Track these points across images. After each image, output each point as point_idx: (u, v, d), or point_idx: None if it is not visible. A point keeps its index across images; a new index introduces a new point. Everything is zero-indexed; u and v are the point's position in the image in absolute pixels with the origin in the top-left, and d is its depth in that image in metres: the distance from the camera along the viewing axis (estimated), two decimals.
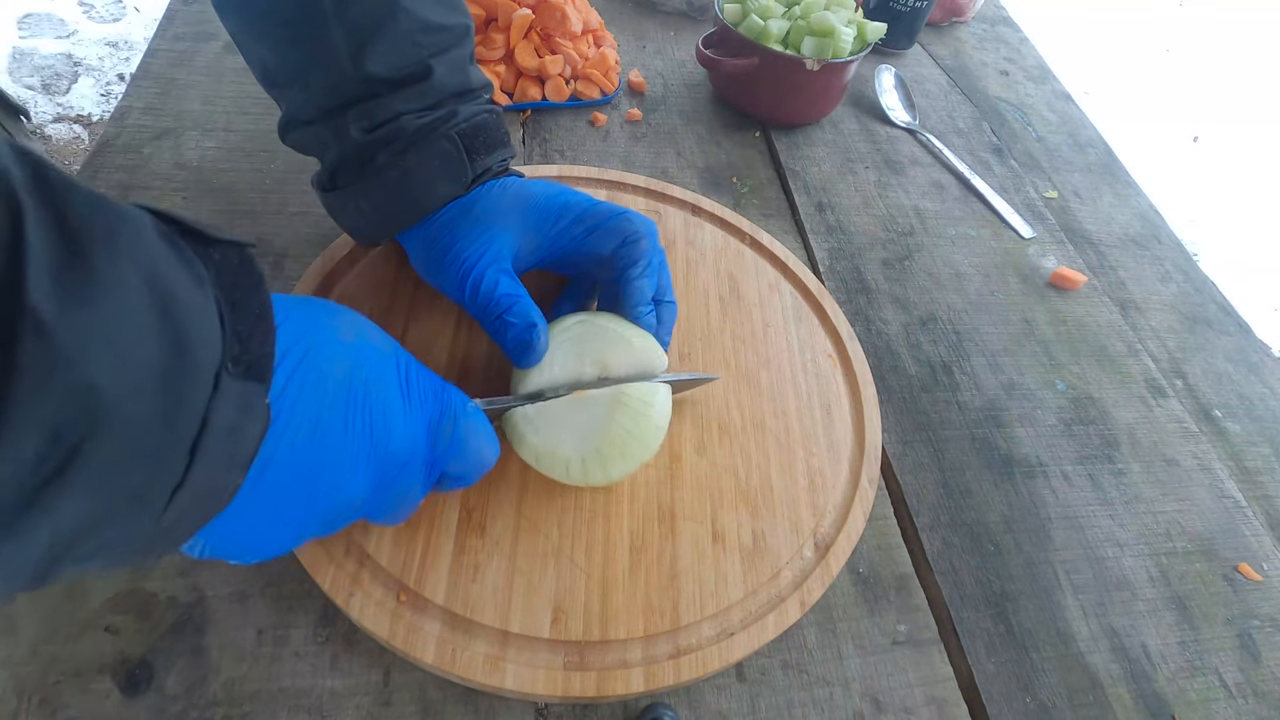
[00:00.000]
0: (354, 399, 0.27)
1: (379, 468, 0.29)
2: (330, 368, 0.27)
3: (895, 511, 0.46)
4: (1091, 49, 2.62)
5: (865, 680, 0.38)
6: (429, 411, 0.31)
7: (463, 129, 0.40)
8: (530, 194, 0.42)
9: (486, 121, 0.41)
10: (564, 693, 0.33)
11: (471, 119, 0.40)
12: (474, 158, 0.40)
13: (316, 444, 0.26)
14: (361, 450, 0.28)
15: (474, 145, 0.40)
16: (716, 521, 0.40)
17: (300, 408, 0.25)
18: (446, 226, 0.41)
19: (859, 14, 0.67)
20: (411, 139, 0.39)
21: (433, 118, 0.39)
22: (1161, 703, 0.40)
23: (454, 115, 0.40)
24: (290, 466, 0.25)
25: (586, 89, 0.65)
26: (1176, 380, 0.58)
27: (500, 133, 0.42)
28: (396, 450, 0.29)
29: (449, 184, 0.40)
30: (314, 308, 0.28)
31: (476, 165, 0.41)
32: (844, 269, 0.59)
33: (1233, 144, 2.38)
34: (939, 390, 0.52)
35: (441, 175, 0.40)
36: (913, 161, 0.70)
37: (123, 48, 1.95)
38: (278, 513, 0.26)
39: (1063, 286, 0.61)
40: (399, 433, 0.29)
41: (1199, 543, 0.48)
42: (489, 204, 0.41)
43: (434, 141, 0.39)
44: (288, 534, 0.27)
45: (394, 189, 0.40)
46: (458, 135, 0.40)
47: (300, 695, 0.34)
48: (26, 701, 0.32)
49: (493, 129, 0.42)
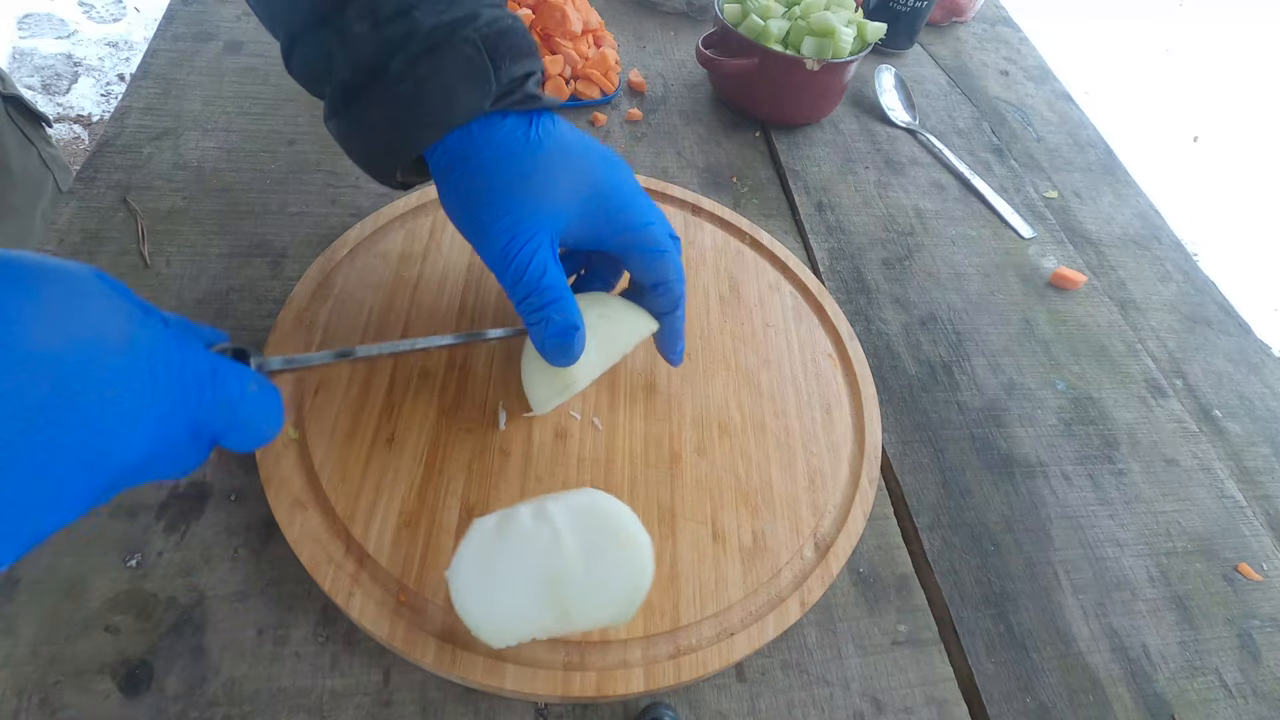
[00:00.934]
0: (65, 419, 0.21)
1: (115, 474, 0.24)
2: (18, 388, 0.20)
3: (895, 511, 0.46)
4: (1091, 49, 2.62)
5: (865, 680, 0.38)
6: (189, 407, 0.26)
7: (485, 33, 0.35)
8: (596, 172, 0.38)
9: (512, 27, 0.36)
10: (564, 693, 0.33)
11: (494, 23, 0.35)
12: (499, 66, 0.35)
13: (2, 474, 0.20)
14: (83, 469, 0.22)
15: (498, 52, 0.35)
16: (716, 521, 0.40)
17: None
18: (498, 175, 0.35)
19: (859, 14, 0.67)
20: (427, 41, 0.34)
21: (451, 17, 0.34)
22: (1162, 703, 0.40)
23: (475, 17, 0.35)
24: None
25: (586, 89, 0.65)
26: (1176, 380, 0.58)
27: (526, 41, 0.36)
28: (137, 458, 0.24)
29: (472, 95, 0.35)
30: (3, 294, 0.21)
31: (502, 75, 0.35)
32: (844, 269, 0.59)
33: (1233, 144, 2.38)
34: (939, 390, 0.52)
35: (463, 84, 0.34)
36: (913, 161, 0.70)
37: (123, 48, 1.95)
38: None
39: (1063, 286, 0.61)
40: (137, 442, 0.24)
41: (1199, 543, 0.48)
42: (552, 164, 0.36)
43: (454, 45, 0.34)
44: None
45: (409, 100, 0.34)
46: (480, 40, 0.34)
47: (300, 695, 0.34)
48: (26, 701, 0.32)
49: (519, 35, 0.36)
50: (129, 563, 0.36)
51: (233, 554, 0.37)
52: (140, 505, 0.38)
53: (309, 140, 0.58)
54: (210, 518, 0.38)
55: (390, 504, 0.38)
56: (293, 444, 0.39)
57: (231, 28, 0.65)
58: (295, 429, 0.40)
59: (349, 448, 0.39)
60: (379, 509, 0.37)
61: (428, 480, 0.39)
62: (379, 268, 0.48)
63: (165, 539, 0.37)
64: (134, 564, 0.36)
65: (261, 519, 0.38)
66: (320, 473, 0.38)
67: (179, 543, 0.37)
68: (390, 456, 0.39)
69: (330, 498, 0.37)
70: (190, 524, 0.38)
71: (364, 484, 0.38)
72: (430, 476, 0.39)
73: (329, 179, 0.55)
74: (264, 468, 0.38)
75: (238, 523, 0.38)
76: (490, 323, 0.46)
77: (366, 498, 0.38)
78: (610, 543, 0.32)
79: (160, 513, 0.38)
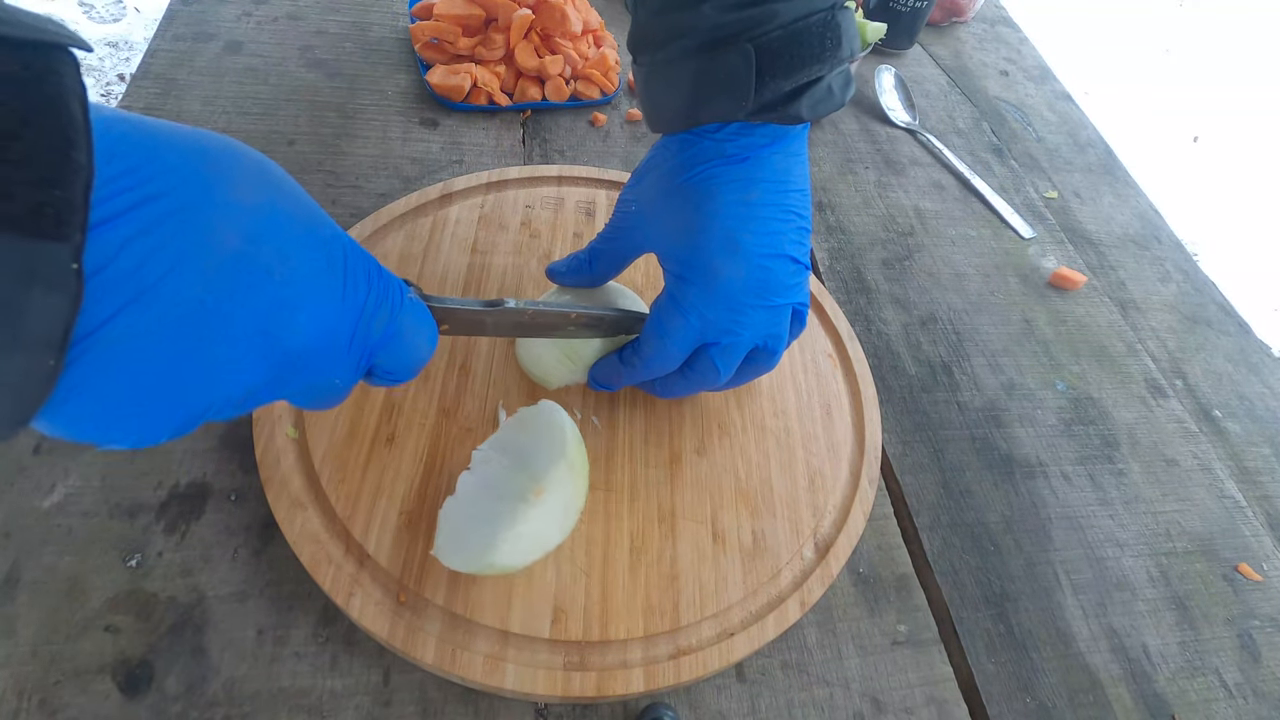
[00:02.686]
0: (242, 279, 0.21)
1: (276, 361, 0.23)
2: (211, 235, 0.20)
3: (895, 511, 0.46)
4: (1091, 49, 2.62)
5: (865, 680, 0.38)
6: (359, 299, 0.26)
7: (771, 38, 0.32)
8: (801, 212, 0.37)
9: (807, 28, 0.32)
10: (564, 693, 0.33)
11: (791, 24, 0.32)
12: (765, 80, 0.33)
13: (186, 333, 0.20)
14: (251, 345, 0.22)
15: (774, 63, 0.33)
16: (716, 522, 0.40)
17: (153, 281, 0.19)
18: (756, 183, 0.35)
19: (859, 14, 0.67)
20: (704, 40, 0.33)
21: (741, 16, 0.32)
22: (1162, 703, 0.40)
23: (772, 17, 0.32)
24: (148, 360, 0.20)
25: (586, 89, 0.65)
26: (1176, 380, 0.58)
27: (822, 44, 0.33)
28: (303, 343, 0.24)
29: (725, 103, 0.34)
30: (208, 154, 0.21)
31: (765, 92, 0.33)
32: (844, 269, 0.59)
33: (1233, 144, 2.38)
34: (939, 390, 0.52)
35: (719, 92, 0.34)
36: (913, 161, 0.70)
37: (123, 48, 1.95)
38: (138, 406, 0.20)
39: (1063, 286, 0.61)
40: (308, 323, 0.24)
41: (1199, 543, 0.48)
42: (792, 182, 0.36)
43: (724, 53, 0.33)
44: (159, 426, 0.22)
45: (666, 88, 0.35)
46: (755, 49, 0.32)
47: (300, 695, 0.34)
48: (26, 701, 0.32)
49: (812, 39, 0.33)
50: (129, 563, 0.36)
51: (233, 554, 0.37)
52: (140, 505, 0.38)
53: (309, 140, 0.58)
54: (210, 518, 0.38)
55: (390, 504, 0.38)
56: (292, 444, 0.39)
57: (231, 28, 0.65)
58: (295, 429, 0.40)
59: (349, 448, 0.39)
60: (379, 509, 0.37)
61: (428, 480, 0.39)
62: None
63: (165, 539, 0.37)
64: (134, 564, 0.36)
65: (261, 519, 0.38)
66: (320, 473, 0.38)
67: (179, 543, 0.37)
68: (390, 456, 0.39)
69: (330, 498, 0.37)
70: (190, 524, 0.38)
71: (364, 484, 0.38)
72: (430, 476, 0.39)
73: (329, 179, 0.55)
74: (264, 468, 0.38)
75: (238, 523, 0.38)
76: None
77: (366, 498, 0.38)
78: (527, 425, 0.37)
79: (160, 513, 0.38)
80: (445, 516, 0.35)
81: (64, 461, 0.38)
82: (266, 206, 0.22)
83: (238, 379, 0.22)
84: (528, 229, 0.52)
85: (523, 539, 0.33)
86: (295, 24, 0.67)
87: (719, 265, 0.35)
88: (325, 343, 0.25)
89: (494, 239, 0.51)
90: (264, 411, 0.40)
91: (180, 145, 0.20)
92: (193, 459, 0.40)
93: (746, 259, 0.35)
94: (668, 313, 0.37)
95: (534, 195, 0.55)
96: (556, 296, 0.44)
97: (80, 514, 0.37)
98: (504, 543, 0.32)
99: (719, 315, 0.36)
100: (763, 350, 0.38)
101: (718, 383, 0.39)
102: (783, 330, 0.38)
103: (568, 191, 0.55)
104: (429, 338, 0.30)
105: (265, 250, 0.22)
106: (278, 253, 0.22)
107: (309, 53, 0.65)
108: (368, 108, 0.61)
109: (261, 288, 0.22)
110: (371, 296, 0.27)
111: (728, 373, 0.38)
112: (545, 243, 0.52)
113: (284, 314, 0.23)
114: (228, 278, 0.21)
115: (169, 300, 0.20)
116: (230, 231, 0.21)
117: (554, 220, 0.53)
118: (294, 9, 0.69)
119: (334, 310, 0.25)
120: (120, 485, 0.38)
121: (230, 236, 0.21)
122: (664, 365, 0.38)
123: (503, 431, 0.38)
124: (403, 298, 0.29)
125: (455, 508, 0.35)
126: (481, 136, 0.61)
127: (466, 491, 0.35)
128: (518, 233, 0.52)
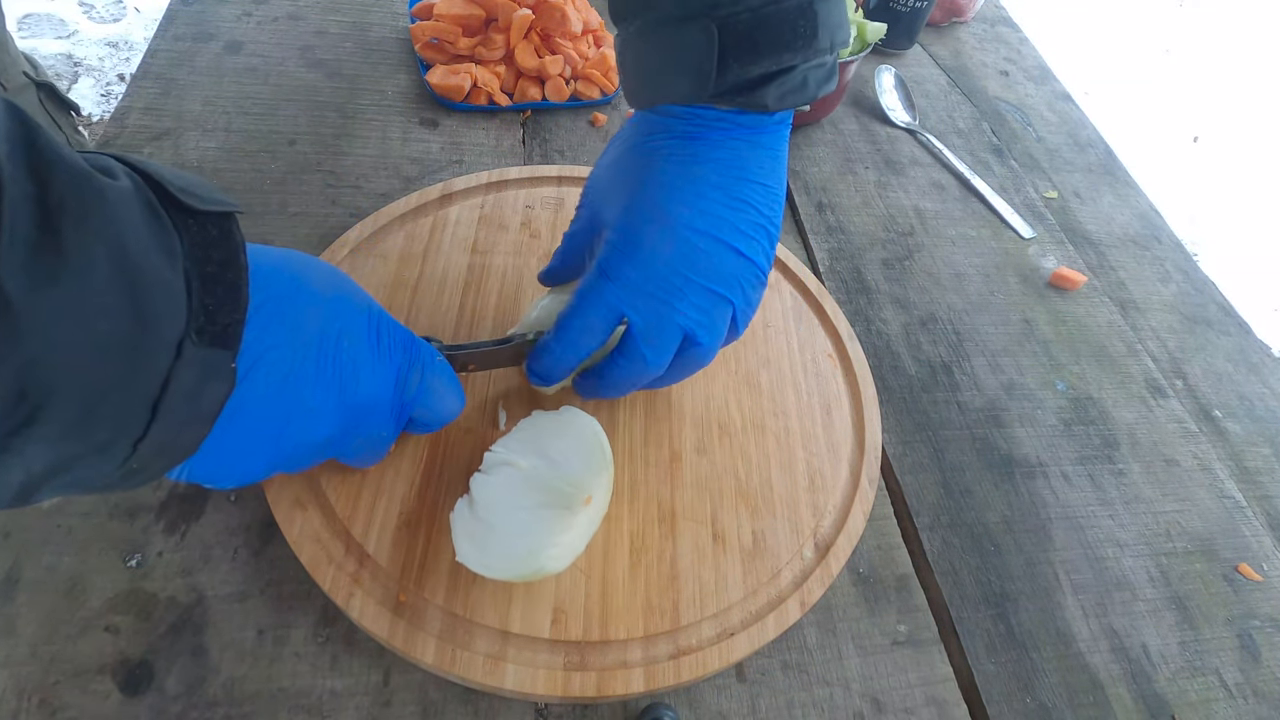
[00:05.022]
0: (325, 351, 0.29)
1: (347, 414, 0.30)
2: (304, 321, 0.28)
3: (895, 511, 0.46)
4: (1091, 49, 2.62)
5: (865, 680, 0.38)
6: (397, 362, 0.32)
7: (739, 19, 0.31)
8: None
9: (779, 13, 0.31)
10: (564, 693, 0.33)
11: (760, 7, 0.31)
12: (728, 63, 0.32)
13: (286, 393, 0.27)
14: (330, 398, 0.29)
15: (738, 44, 0.32)
16: (716, 522, 0.40)
17: (271, 359, 0.26)
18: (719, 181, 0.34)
19: (859, 14, 0.67)
20: (669, 14, 0.33)
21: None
22: (1162, 703, 0.40)
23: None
24: (259, 414, 0.27)
25: (586, 89, 0.65)
26: (1176, 380, 0.57)
27: (794, 32, 0.32)
28: (364, 399, 0.30)
29: (687, 83, 0.33)
30: (294, 263, 0.29)
31: (728, 75, 0.32)
32: (844, 269, 0.59)
33: (1233, 144, 2.38)
34: (939, 390, 0.52)
35: (681, 70, 0.33)
36: (913, 162, 0.70)
37: (123, 48, 1.95)
38: (247, 450, 0.28)
39: (1063, 286, 0.61)
40: (366, 382, 0.30)
41: (1199, 543, 0.48)
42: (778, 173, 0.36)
43: (687, 28, 0.32)
44: (258, 467, 0.29)
45: (635, 61, 0.36)
46: (718, 28, 0.31)
47: (300, 695, 0.34)
48: (26, 701, 0.32)
49: (782, 25, 0.32)
50: (129, 563, 0.36)
51: (233, 554, 0.37)
52: (140, 505, 0.38)
53: (309, 140, 0.58)
54: (210, 518, 0.38)
55: (390, 504, 0.38)
56: None
57: (231, 28, 0.65)
58: None
59: None
60: (379, 509, 0.37)
61: (428, 480, 0.39)
62: (379, 268, 0.48)
63: (165, 539, 0.37)
64: (134, 564, 0.36)
65: (261, 519, 0.38)
66: (320, 473, 0.38)
67: (179, 543, 0.37)
68: (390, 457, 0.39)
69: (330, 498, 0.37)
70: (190, 524, 0.38)
71: (364, 484, 0.38)
72: (430, 476, 0.39)
73: (329, 179, 0.55)
74: None
75: (238, 523, 0.38)
76: (490, 324, 0.46)
77: (366, 498, 0.38)
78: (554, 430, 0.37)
79: (160, 513, 0.38)
80: (460, 520, 0.34)
81: None
82: (335, 298, 0.30)
83: (320, 426, 0.29)
84: (528, 229, 0.52)
85: (566, 545, 0.33)
86: (295, 24, 0.67)
87: (644, 232, 0.34)
88: (378, 395, 0.31)
89: (494, 239, 0.51)
90: None
91: (281, 261, 0.28)
92: None
93: (672, 230, 0.34)
94: (590, 278, 0.35)
95: (534, 195, 0.55)
96: (552, 300, 0.44)
97: (80, 514, 0.37)
98: (553, 547, 0.33)
99: (640, 285, 0.34)
100: (690, 340, 0.35)
101: (648, 372, 0.35)
102: (715, 321, 0.35)
103: (568, 192, 0.55)
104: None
105: (335, 328, 0.29)
106: (343, 331, 0.29)
107: (309, 53, 0.65)
108: (368, 108, 0.61)
109: (335, 355, 0.29)
110: (405, 359, 0.32)
111: (657, 361, 0.35)
112: (545, 243, 0.52)
113: (350, 372, 0.30)
114: (314, 350, 0.28)
115: (276, 367, 0.27)
116: (314, 316, 0.28)
117: (554, 220, 0.53)
118: (294, 9, 0.69)
119: (382, 369, 0.31)
120: None
121: (314, 319, 0.28)
122: (587, 338, 0.35)
123: (520, 434, 0.37)
124: (432, 359, 0.34)
125: (475, 512, 0.34)
126: (481, 136, 0.61)
127: (487, 495, 0.34)
128: (518, 233, 0.52)
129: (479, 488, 0.34)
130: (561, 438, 0.36)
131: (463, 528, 0.34)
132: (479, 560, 0.33)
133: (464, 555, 0.33)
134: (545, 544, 0.32)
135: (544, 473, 0.35)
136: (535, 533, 0.33)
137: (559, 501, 0.34)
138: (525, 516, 0.33)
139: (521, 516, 0.33)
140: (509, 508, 0.34)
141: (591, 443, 0.36)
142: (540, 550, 0.32)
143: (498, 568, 0.32)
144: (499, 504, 0.34)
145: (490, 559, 0.33)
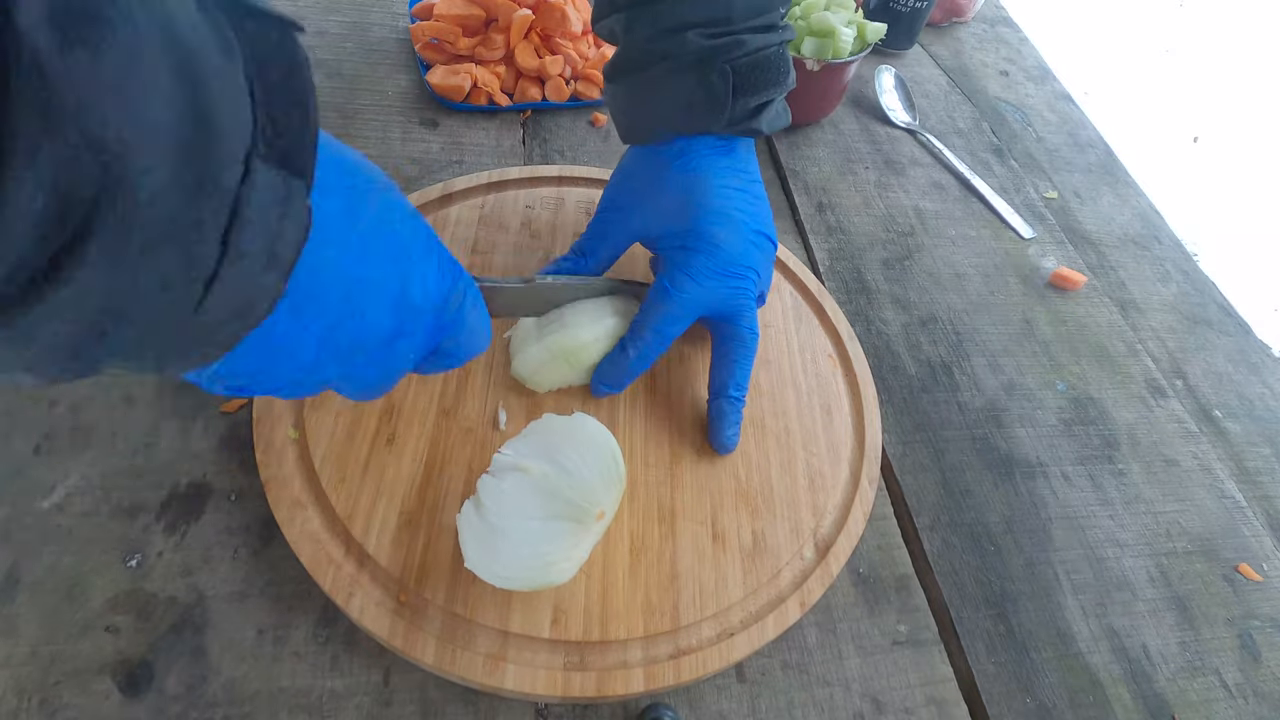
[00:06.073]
0: (396, 228, 0.26)
1: (402, 313, 0.28)
2: (375, 191, 0.25)
3: (895, 511, 0.46)
4: (1091, 49, 2.62)
5: (865, 680, 0.38)
6: (447, 281, 0.30)
7: (740, 63, 0.39)
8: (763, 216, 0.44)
9: (767, 59, 0.40)
10: (564, 693, 0.33)
11: (755, 52, 0.39)
12: (739, 99, 0.40)
13: (359, 264, 0.25)
14: (394, 286, 0.27)
15: (745, 83, 0.40)
16: (716, 522, 0.40)
17: (345, 220, 0.24)
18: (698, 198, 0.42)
19: (859, 14, 0.67)
20: (689, 63, 0.39)
21: (717, 44, 0.39)
22: (1162, 703, 0.40)
23: (741, 45, 0.39)
24: (330, 282, 0.24)
25: (586, 89, 0.65)
26: (1176, 380, 0.57)
27: (777, 72, 0.41)
28: (418, 301, 0.28)
29: (704, 118, 0.41)
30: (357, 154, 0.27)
31: (738, 107, 0.40)
32: (844, 269, 0.59)
33: (1233, 144, 2.38)
34: (939, 390, 0.52)
35: (701, 109, 0.40)
36: (913, 162, 0.70)
37: None
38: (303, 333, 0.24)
39: (1063, 287, 0.61)
40: (433, 283, 0.28)
41: (1199, 543, 0.48)
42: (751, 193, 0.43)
43: (706, 74, 0.39)
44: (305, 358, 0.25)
45: (653, 103, 0.41)
46: (732, 71, 0.39)
47: (300, 695, 0.34)
48: (26, 701, 0.32)
49: (769, 67, 0.40)
50: (129, 563, 0.36)
51: (233, 554, 0.37)
52: (140, 505, 0.38)
53: None
54: (210, 518, 0.38)
55: (390, 504, 0.38)
56: (293, 444, 0.39)
57: None
58: (295, 429, 0.40)
59: (349, 448, 0.39)
60: (379, 509, 0.37)
61: (428, 480, 0.39)
62: None
63: (165, 539, 0.37)
64: (134, 564, 0.36)
65: (261, 519, 0.38)
66: (320, 473, 0.38)
67: (179, 543, 0.37)
68: (390, 456, 0.39)
69: (330, 498, 0.37)
70: (190, 524, 0.38)
71: (364, 484, 0.38)
72: (430, 476, 0.39)
73: None
74: (264, 468, 0.38)
75: (238, 523, 0.38)
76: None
77: (366, 498, 0.38)
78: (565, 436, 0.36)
79: (160, 513, 0.38)
80: (467, 524, 0.33)
81: (64, 462, 0.38)
82: (401, 201, 0.28)
83: (381, 316, 0.26)
84: (528, 229, 0.52)
85: (575, 558, 0.33)
86: None
87: (719, 234, 0.41)
88: (426, 306, 0.29)
89: (494, 239, 0.51)
90: (264, 411, 0.40)
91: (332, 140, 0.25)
92: (193, 459, 0.40)
93: (739, 229, 0.42)
94: (677, 277, 0.41)
95: (534, 196, 0.55)
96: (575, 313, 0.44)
97: (80, 514, 0.37)
98: (564, 562, 0.33)
99: (724, 278, 0.41)
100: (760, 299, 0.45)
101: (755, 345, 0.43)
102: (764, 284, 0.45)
103: (568, 192, 0.55)
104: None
105: (405, 208, 0.27)
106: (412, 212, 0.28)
107: (309, 53, 0.65)
108: (368, 108, 0.61)
109: (407, 237, 0.27)
110: (458, 284, 0.31)
111: (755, 331, 0.43)
112: (545, 243, 0.52)
113: (417, 270, 0.28)
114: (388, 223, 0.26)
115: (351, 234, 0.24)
116: (376, 200, 0.26)
117: (554, 220, 0.53)
118: (294, 9, 0.69)
119: (434, 282, 0.29)
120: (120, 485, 0.38)
121: (375, 203, 0.25)
122: (672, 329, 0.41)
123: (530, 437, 0.36)
124: (475, 290, 0.33)
125: (483, 517, 0.33)
126: (481, 137, 0.61)
127: (496, 501, 0.33)
128: (518, 233, 0.52)
129: (487, 492, 0.33)
130: (573, 444, 0.35)
131: (470, 533, 0.33)
132: (488, 569, 0.32)
133: (472, 562, 0.32)
134: (557, 559, 0.32)
135: (556, 481, 0.34)
136: (547, 546, 0.32)
137: (571, 514, 0.33)
138: (537, 527, 0.33)
139: (533, 527, 0.33)
140: (520, 516, 0.33)
141: (605, 454, 0.35)
142: (552, 565, 0.32)
143: (507, 578, 0.32)
144: (509, 511, 0.33)
145: (500, 568, 0.32)
